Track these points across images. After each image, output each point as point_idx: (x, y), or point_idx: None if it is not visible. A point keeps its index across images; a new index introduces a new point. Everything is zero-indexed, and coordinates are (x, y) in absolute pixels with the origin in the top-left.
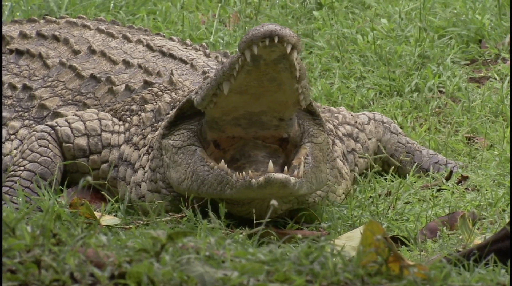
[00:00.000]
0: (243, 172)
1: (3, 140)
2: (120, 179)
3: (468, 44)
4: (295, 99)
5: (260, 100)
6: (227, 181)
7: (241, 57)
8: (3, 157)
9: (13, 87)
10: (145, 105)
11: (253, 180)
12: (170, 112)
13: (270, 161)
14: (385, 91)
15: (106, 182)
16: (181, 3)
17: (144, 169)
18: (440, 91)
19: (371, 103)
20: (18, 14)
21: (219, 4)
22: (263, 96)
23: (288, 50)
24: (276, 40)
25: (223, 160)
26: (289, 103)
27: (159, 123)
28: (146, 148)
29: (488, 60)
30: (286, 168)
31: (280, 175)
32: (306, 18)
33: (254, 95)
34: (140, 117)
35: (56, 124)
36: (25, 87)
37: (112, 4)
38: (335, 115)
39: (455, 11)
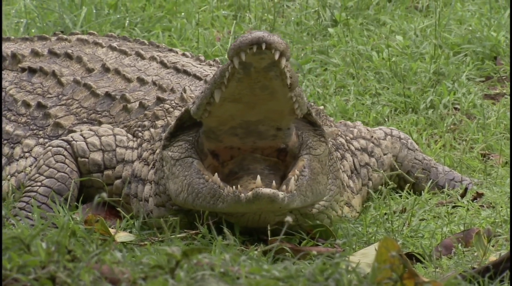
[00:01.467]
0: (233, 186)
1: (17, 157)
2: (132, 196)
3: (483, 61)
4: (290, 108)
5: (255, 109)
6: (219, 194)
7: (231, 64)
8: (17, 174)
9: (27, 105)
10: (156, 122)
11: (242, 194)
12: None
13: (258, 176)
14: (400, 108)
15: (120, 199)
16: (196, 20)
17: (151, 184)
18: (455, 108)
19: (386, 120)
20: (33, 31)
21: (234, 21)
22: (258, 105)
23: (276, 57)
24: (263, 47)
25: (216, 174)
26: (285, 112)
27: None
28: (154, 163)
29: (503, 77)
30: (273, 183)
31: (267, 190)
32: (321, 35)
33: (249, 104)
34: (151, 133)
35: (72, 139)
36: (40, 105)
37: (127, 21)
38: (350, 129)
39: (470, 28)
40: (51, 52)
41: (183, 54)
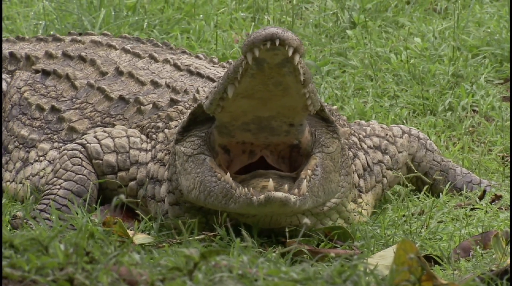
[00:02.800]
0: (245, 188)
1: (32, 161)
2: (149, 197)
3: (501, 63)
4: (303, 104)
5: (268, 105)
6: (231, 195)
7: (244, 60)
8: (32, 177)
9: (41, 108)
10: (170, 123)
11: (254, 197)
12: None
13: (271, 179)
14: (418, 110)
15: (139, 200)
16: (214, 22)
17: (166, 183)
18: (474, 110)
19: (405, 122)
20: (52, 33)
21: (253, 23)
22: (271, 100)
23: (290, 53)
24: (277, 43)
25: (229, 173)
26: (298, 108)
27: None
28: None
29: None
30: (286, 186)
31: (279, 194)
32: (339, 37)
33: (262, 100)
34: (165, 134)
35: (86, 141)
36: (54, 109)
37: (146, 23)
38: (364, 127)
39: (488, 30)
40: (65, 54)
41: (197, 56)
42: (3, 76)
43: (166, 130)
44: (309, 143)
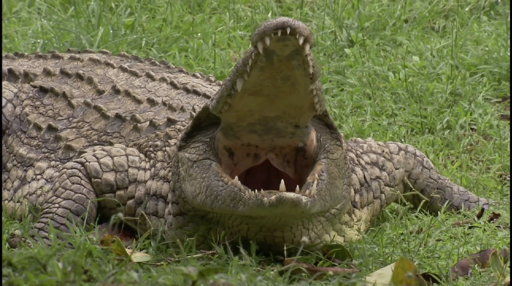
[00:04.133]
0: (255, 190)
1: (29, 180)
2: (151, 214)
3: (499, 82)
4: (310, 103)
5: (275, 103)
6: (240, 198)
7: (254, 51)
8: (29, 196)
9: (38, 127)
10: (169, 140)
11: (265, 198)
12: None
13: (282, 180)
14: (416, 128)
15: (137, 218)
16: (212, 41)
17: (170, 194)
18: (472, 129)
19: (403, 140)
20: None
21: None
22: (278, 98)
23: (301, 42)
24: (288, 31)
25: (237, 177)
26: (304, 107)
27: None
28: None
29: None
30: (297, 187)
31: (291, 195)
32: (337, 55)
33: (269, 97)
34: (165, 152)
35: (85, 160)
36: (50, 128)
37: (144, 42)
38: (360, 144)
39: (486, 49)
40: (62, 72)
41: (193, 75)
42: (10, 85)
43: (166, 148)
44: (315, 148)
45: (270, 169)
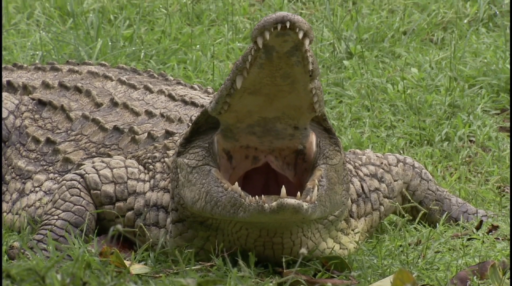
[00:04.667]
0: (256, 196)
1: (28, 192)
2: (151, 225)
3: (498, 94)
4: (309, 103)
5: (274, 104)
6: (240, 204)
7: (254, 46)
8: (28, 208)
9: (36, 140)
10: (168, 152)
11: (266, 204)
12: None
13: (283, 186)
14: (415, 140)
15: (137, 230)
16: (211, 52)
17: (170, 203)
18: (471, 141)
19: (401, 152)
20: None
21: None
22: (277, 97)
23: (300, 36)
24: (288, 25)
25: (236, 183)
26: (303, 107)
27: None
28: None
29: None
30: (298, 193)
31: (292, 201)
32: (336, 67)
33: (268, 97)
34: (164, 163)
35: (85, 172)
36: (49, 141)
37: (142, 53)
38: (359, 156)
39: (485, 61)
40: (61, 85)
41: (191, 87)
42: (11, 97)
43: (165, 159)
44: (315, 153)
45: (269, 173)
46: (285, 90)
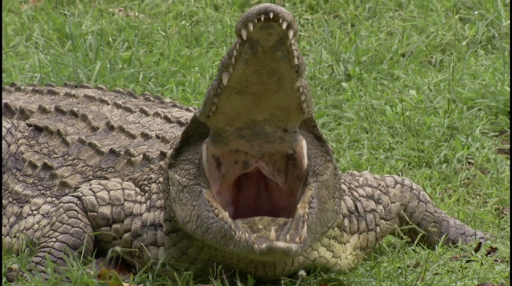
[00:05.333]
0: (246, 233)
1: (25, 215)
2: (149, 245)
3: (497, 116)
4: (296, 102)
5: (262, 104)
6: (230, 236)
7: (238, 40)
8: (26, 231)
9: (33, 166)
10: (163, 172)
11: (256, 246)
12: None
13: (273, 229)
14: (414, 162)
15: (136, 250)
16: (210, 74)
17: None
18: (469, 163)
19: (400, 174)
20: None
21: None
22: (264, 97)
23: (284, 26)
24: (271, 15)
25: (226, 213)
26: (291, 107)
27: None
28: None
29: (510, 147)
30: (288, 236)
31: (281, 244)
32: (335, 89)
33: (255, 97)
34: (159, 184)
35: (82, 194)
36: (46, 166)
37: (141, 76)
38: (356, 178)
39: (483, 83)
40: (57, 110)
41: (187, 109)
42: (3, 122)
43: (160, 179)
44: (307, 166)
45: (260, 181)
46: (272, 88)
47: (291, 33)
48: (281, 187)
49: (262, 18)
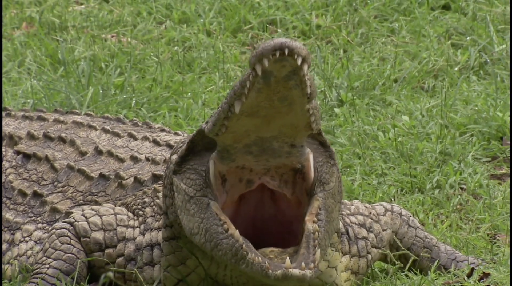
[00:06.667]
0: (260, 257)
1: (17, 242)
2: (143, 265)
3: (489, 141)
4: (306, 122)
5: (271, 124)
6: (241, 256)
7: (252, 72)
8: (19, 257)
9: (23, 194)
10: (158, 194)
11: (270, 271)
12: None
13: (288, 257)
14: (406, 188)
15: (132, 270)
16: (202, 100)
17: (164, 217)
18: (462, 188)
19: (392, 200)
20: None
21: None
22: (274, 119)
23: (299, 62)
24: (286, 52)
25: (237, 231)
26: (300, 126)
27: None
28: None
29: (510, 157)
30: (303, 263)
31: (297, 272)
32: (327, 115)
33: (266, 118)
34: (154, 206)
35: (74, 220)
36: (36, 194)
37: (134, 101)
38: (348, 206)
39: (476, 108)
40: (45, 136)
41: (175, 133)
42: None
43: (156, 200)
44: (314, 178)
45: (264, 192)
46: (283, 111)
47: (305, 67)
48: (288, 197)
49: (277, 55)
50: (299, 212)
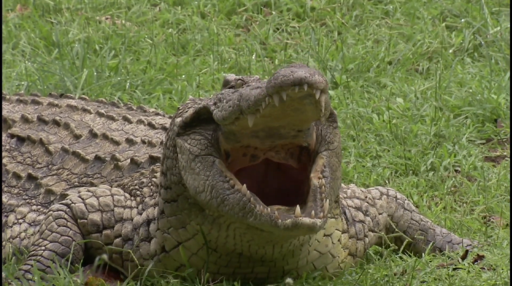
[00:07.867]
0: (268, 208)
1: (11, 224)
2: (142, 240)
3: (483, 123)
4: (316, 117)
5: (281, 120)
6: (249, 209)
7: (269, 98)
8: (12, 239)
9: (17, 176)
10: (155, 174)
11: (279, 221)
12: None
13: (298, 206)
14: (400, 170)
15: (130, 250)
16: (197, 82)
17: (162, 177)
18: (456, 170)
19: (387, 182)
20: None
21: None
22: (285, 117)
23: (317, 96)
24: (305, 88)
25: (245, 185)
26: (310, 120)
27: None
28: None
29: (504, 139)
30: (312, 212)
31: (307, 220)
32: None
33: (276, 118)
34: (151, 186)
35: (71, 202)
36: (30, 177)
37: (128, 84)
38: (344, 190)
39: (470, 91)
40: (39, 119)
41: (170, 117)
42: None
43: (153, 180)
44: (315, 143)
45: (269, 165)
46: (295, 116)
47: (323, 98)
48: (294, 166)
49: (296, 90)
50: (305, 175)
